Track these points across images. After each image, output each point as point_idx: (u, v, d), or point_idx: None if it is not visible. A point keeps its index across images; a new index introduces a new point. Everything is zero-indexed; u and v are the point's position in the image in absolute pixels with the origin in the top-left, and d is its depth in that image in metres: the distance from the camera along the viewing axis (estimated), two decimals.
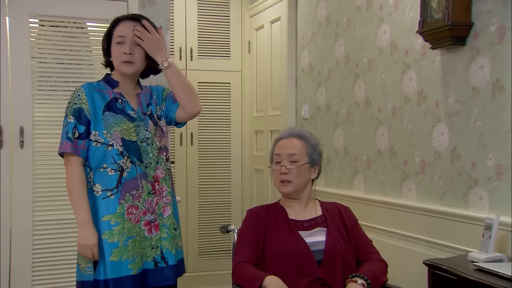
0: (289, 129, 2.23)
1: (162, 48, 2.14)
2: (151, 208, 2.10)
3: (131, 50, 2.10)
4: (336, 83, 3.37)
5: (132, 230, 2.06)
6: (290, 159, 2.09)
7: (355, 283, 1.91)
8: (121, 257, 2.03)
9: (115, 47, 2.11)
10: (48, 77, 3.00)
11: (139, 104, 2.18)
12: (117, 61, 2.12)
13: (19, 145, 2.86)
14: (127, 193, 2.06)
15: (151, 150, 2.13)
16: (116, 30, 2.12)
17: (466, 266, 1.96)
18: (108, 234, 2.04)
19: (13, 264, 2.85)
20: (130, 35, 2.11)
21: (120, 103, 2.13)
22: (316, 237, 2.06)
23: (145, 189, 2.09)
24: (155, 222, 2.11)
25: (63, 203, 2.93)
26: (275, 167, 2.12)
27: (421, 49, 2.60)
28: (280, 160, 2.11)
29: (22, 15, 2.88)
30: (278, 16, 4.07)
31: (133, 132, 2.09)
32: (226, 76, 4.60)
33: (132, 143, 2.08)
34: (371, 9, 3.00)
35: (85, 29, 3.06)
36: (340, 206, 2.20)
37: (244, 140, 4.64)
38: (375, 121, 2.97)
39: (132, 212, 2.06)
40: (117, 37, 2.10)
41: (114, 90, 2.14)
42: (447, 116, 2.44)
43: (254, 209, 2.19)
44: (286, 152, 2.10)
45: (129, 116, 2.12)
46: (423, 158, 2.60)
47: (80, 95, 2.08)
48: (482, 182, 2.25)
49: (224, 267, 4.29)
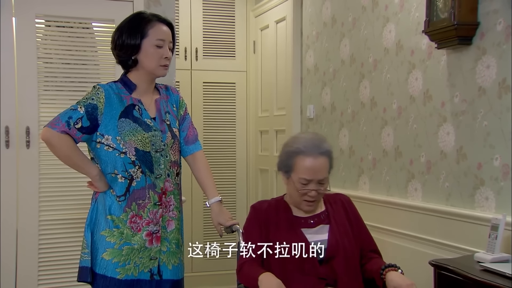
0: (311, 143, 2.03)
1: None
2: (155, 219, 2.07)
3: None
4: (341, 83, 3.37)
5: (131, 238, 2.03)
6: (318, 182, 2.01)
7: (395, 271, 1.91)
8: (112, 258, 2.01)
9: (153, 48, 2.05)
10: (54, 77, 3.01)
11: (158, 112, 2.12)
12: (154, 63, 2.06)
13: (25, 145, 2.87)
14: (133, 202, 2.04)
15: (164, 161, 2.09)
16: (153, 31, 2.05)
17: (472, 267, 1.96)
18: (107, 232, 2.03)
19: (19, 264, 2.86)
20: (168, 40, 2.08)
21: (137, 111, 2.07)
22: (319, 234, 2.05)
23: (152, 200, 2.06)
24: (158, 233, 2.07)
25: (69, 203, 2.95)
26: (300, 188, 2.01)
27: (427, 48, 2.59)
28: (306, 183, 2.00)
29: (29, 16, 2.89)
30: (283, 16, 4.07)
31: (148, 142, 2.04)
32: (231, 76, 4.60)
33: (146, 153, 2.04)
34: (377, 8, 2.99)
35: (91, 29, 3.07)
36: (343, 198, 2.18)
37: (249, 140, 4.64)
38: (381, 121, 2.97)
39: (135, 221, 2.04)
40: (157, 40, 2.05)
41: (132, 96, 2.08)
42: (453, 116, 2.43)
43: (257, 205, 2.16)
44: (317, 178, 2.00)
45: (145, 124, 2.06)
46: (428, 158, 2.60)
47: (99, 94, 2.03)
48: (489, 182, 2.24)
49: (230, 267, 4.28)
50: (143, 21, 2.07)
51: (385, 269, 1.94)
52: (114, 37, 2.10)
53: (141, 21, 2.07)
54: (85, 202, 2.96)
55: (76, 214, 2.93)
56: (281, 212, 2.10)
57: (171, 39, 2.11)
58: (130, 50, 2.05)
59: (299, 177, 2.00)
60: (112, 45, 2.11)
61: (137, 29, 2.05)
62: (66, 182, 2.94)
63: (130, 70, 2.12)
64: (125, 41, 2.05)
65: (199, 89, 4.50)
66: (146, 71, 2.08)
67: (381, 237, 2.68)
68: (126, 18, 2.12)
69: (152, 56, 2.05)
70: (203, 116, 4.50)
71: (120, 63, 2.12)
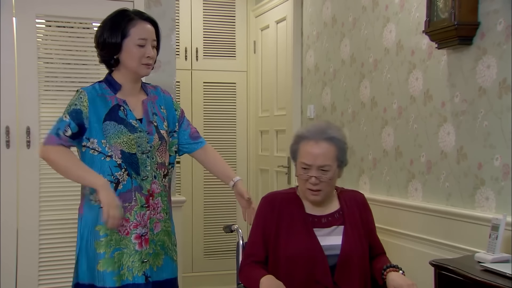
0: (316, 128, 2.00)
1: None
2: (143, 221, 2.03)
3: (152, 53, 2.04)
4: (341, 83, 3.37)
5: (120, 242, 2.00)
6: (320, 168, 1.94)
7: (396, 272, 1.90)
8: (106, 268, 1.98)
9: (135, 48, 2.00)
10: (55, 77, 3.02)
11: (145, 113, 2.08)
12: (136, 62, 2.02)
13: (25, 145, 2.88)
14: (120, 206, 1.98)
15: (150, 163, 2.04)
16: (135, 30, 2.00)
17: (472, 267, 1.96)
18: (96, 244, 1.99)
19: (20, 263, 2.86)
20: (151, 38, 2.03)
21: (122, 111, 2.03)
22: (332, 237, 1.98)
23: (138, 202, 2.02)
24: (146, 236, 2.03)
25: (70, 203, 2.94)
26: (301, 173, 1.96)
27: (427, 48, 2.59)
28: (307, 167, 1.95)
29: (29, 16, 2.89)
30: (283, 16, 4.07)
31: (133, 144, 2.01)
32: (232, 76, 4.60)
33: (132, 155, 2.01)
34: (377, 8, 2.99)
35: (91, 29, 3.08)
36: (358, 197, 2.11)
37: (250, 140, 4.64)
38: (381, 121, 2.97)
39: (122, 224, 1.99)
40: (139, 39, 2.00)
41: (117, 96, 2.04)
42: (454, 116, 2.43)
43: (269, 197, 2.09)
44: (316, 163, 1.93)
45: (131, 126, 2.02)
46: (429, 158, 2.60)
47: (82, 98, 2.00)
48: (489, 182, 2.24)
49: (230, 267, 4.28)
50: (125, 19, 2.02)
51: (386, 269, 1.93)
52: (96, 34, 2.05)
53: (123, 19, 2.02)
54: None
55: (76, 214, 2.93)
56: (294, 207, 2.01)
57: (155, 37, 2.05)
58: (112, 50, 2.01)
59: (300, 162, 1.96)
60: (95, 43, 2.07)
61: (118, 28, 2.00)
62: (67, 182, 2.89)
63: (113, 69, 2.08)
64: (106, 39, 2.01)
65: (199, 89, 4.50)
66: (128, 70, 2.04)
67: (381, 237, 2.67)
68: (108, 15, 2.07)
69: (132, 55, 2.01)
70: (203, 116, 4.50)
71: (103, 62, 2.08)
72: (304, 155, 1.95)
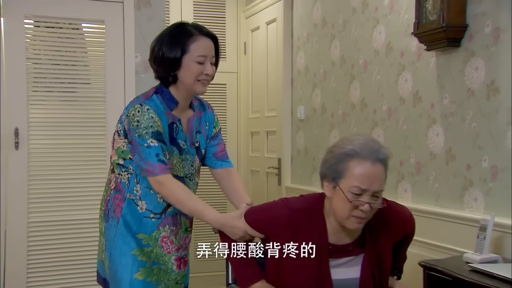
0: (368, 147, 1.63)
1: None
2: (185, 244, 2.03)
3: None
4: (331, 84, 3.37)
5: (160, 258, 1.96)
6: (373, 194, 1.63)
7: (391, 277, 1.83)
8: (146, 277, 1.94)
9: (194, 65, 1.88)
10: (44, 78, 3.00)
11: (189, 132, 1.98)
12: (193, 79, 1.89)
13: (14, 147, 2.85)
14: (167, 225, 1.97)
15: (192, 186, 2.00)
16: (195, 46, 1.88)
17: (461, 267, 1.97)
18: (138, 251, 1.94)
19: (8, 266, 2.84)
20: (210, 55, 1.92)
21: (175, 130, 1.93)
22: (348, 269, 1.70)
23: (183, 226, 2.01)
24: (185, 258, 2.04)
25: (59, 205, 2.93)
26: (352, 199, 1.60)
27: (417, 50, 2.61)
28: (361, 193, 1.61)
29: (17, 16, 2.87)
30: (274, 18, 4.07)
31: (181, 167, 1.95)
32: (222, 77, 4.58)
33: (179, 178, 1.93)
34: (367, 10, 3.01)
35: (81, 30, 3.06)
36: (402, 218, 1.84)
37: (240, 141, 4.64)
38: (371, 122, 2.98)
39: (166, 243, 1.97)
40: (198, 56, 1.88)
41: (172, 112, 1.92)
42: (442, 117, 2.45)
43: (292, 207, 1.73)
44: (372, 188, 1.61)
45: (178, 146, 1.94)
46: (418, 159, 2.61)
47: (153, 117, 1.85)
48: (477, 183, 2.25)
49: (219, 268, 4.27)
50: (185, 34, 1.88)
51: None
52: (153, 48, 1.91)
53: (183, 34, 1.89)
54: (75, 204, 2.96)
55: (65, 216, 2.92)
56: (314, 231, 1.69)
57: (214, 54, 1.94)
58: (170, 66, 1.89)
59: (351, 185, 1.60)
60: (151, 58, 1.93)
61: (178, 43, 1.87)
62: (56, 183, 2.93)
63: (169, 86, 1.95)
64: (165, 54, 1.88)
65: None
66: (185, 87, 1.92)
67: None
68: (166, 28, 1.95)
69: (190, 71, 1.89)
70: None
71: (159, 78, 1.95)
72: (358, 177, 1.60)
